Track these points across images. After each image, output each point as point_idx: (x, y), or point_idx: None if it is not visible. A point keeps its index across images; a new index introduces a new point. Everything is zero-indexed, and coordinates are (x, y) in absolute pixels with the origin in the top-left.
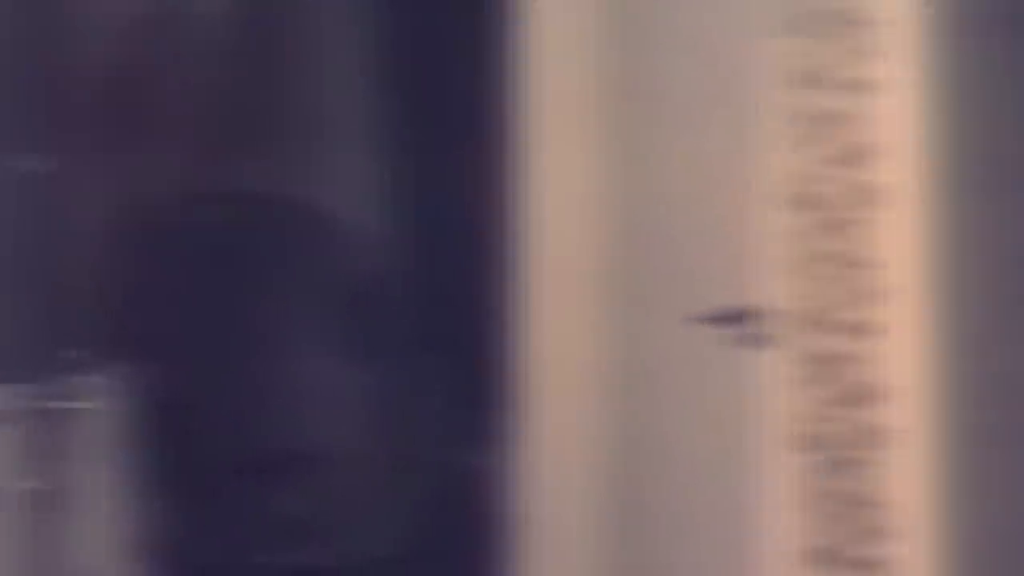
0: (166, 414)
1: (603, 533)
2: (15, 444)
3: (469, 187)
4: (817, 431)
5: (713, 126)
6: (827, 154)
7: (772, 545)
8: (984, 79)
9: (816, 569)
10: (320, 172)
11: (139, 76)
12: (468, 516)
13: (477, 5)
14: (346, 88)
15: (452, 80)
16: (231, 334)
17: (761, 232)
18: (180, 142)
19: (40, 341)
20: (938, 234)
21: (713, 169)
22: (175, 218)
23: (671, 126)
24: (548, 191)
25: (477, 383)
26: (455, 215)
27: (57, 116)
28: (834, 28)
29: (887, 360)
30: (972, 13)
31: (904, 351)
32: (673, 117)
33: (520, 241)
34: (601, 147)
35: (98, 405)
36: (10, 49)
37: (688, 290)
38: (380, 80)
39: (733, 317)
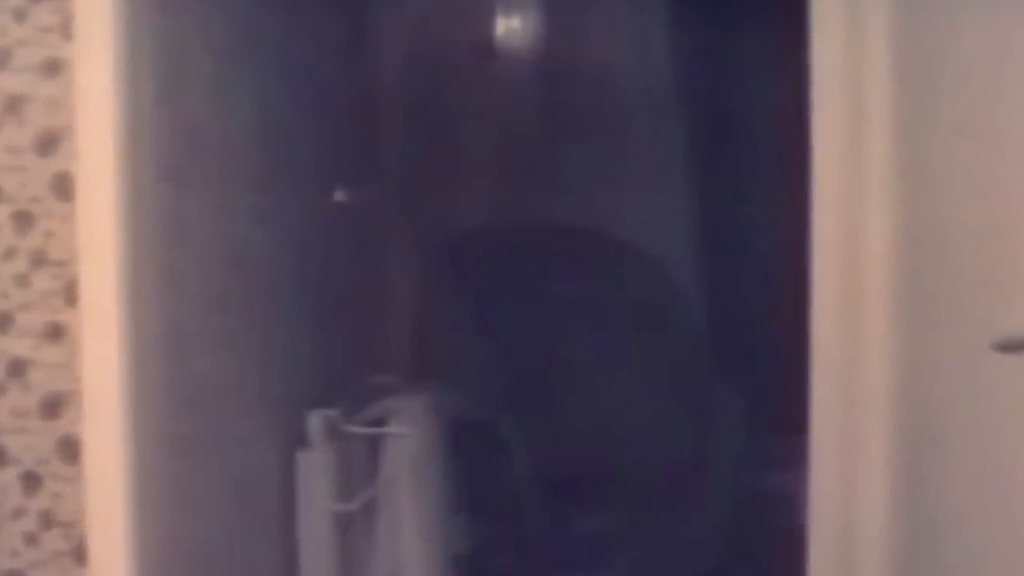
0: (472, 436)
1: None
2: (328, 466)
3: (763, 217)
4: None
5: None
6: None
7: None
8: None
9: None
10: (622, 205)
11: (452, 115)
12: (763, 534)
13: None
14: (646, 128)
15: (744, 115)
16: (537, 359)
17: None
18: (490, 176)
19: (351, 367)
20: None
21: None
22: (484, 247)
23: None
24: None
25: (770, 408)
26: (750, 245)
27: (369, 152)
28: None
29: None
30: None
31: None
32: None
33: (814, 269)
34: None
35: (406, 428)
36: (322, 90)
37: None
38: (676, 119)
39: None
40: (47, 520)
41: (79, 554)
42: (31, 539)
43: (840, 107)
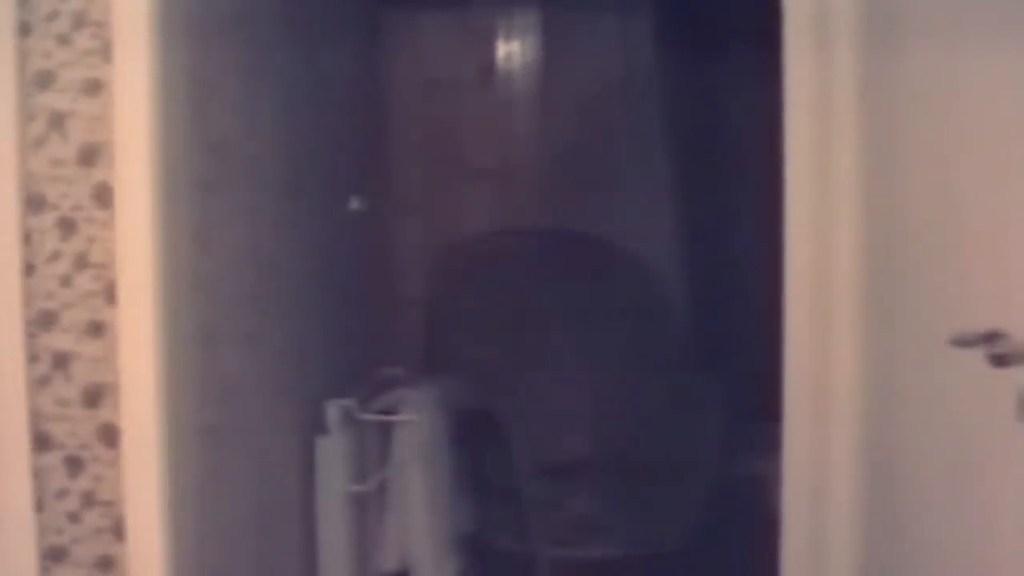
0: (474, 424)
1: (857, 538)
2: (344, 451)
3: (742, 225)
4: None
5: None
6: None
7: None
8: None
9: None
10: (612, 211)
11: (457, 130)
12: (738, 516)
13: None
14: (639, 142)
15: (724, 130)
16: (533, 353)
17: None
18: (491, 185)
19: (364, 361)
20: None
21: None
22: (486, 250)
23: None
24: (811, 222)
25: (747, 398)
26: (731, 251)
27: (381, 163)
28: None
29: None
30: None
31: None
32: None
33: (787, 273)
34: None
35: (415, 416)
36: (338, 107)
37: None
38: (664, 132)
39: None
40: (88, 500)
41: (118, 531)
42: (74, 517)
43: (811, 128)
